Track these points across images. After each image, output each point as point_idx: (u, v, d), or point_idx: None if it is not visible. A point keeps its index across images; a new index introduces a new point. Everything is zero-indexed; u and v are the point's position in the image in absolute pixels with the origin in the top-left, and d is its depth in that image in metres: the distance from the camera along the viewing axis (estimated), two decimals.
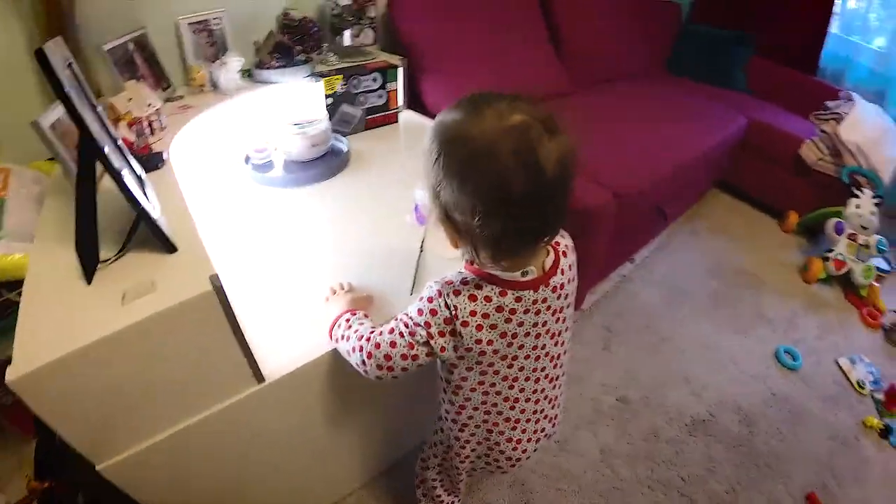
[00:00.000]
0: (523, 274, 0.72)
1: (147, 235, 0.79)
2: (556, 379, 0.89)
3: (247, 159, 1.50)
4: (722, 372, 1.82)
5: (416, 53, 2.04)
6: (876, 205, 2.28)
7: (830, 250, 2.29)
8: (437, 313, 0.72)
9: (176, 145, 1.22)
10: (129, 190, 0.73)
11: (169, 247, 0.80)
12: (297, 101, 1.66)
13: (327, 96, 1.62)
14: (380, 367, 0.78)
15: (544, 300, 0.74)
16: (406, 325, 0.75)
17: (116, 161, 0.73)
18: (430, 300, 0.73)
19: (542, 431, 0.93)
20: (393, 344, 0.76)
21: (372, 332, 0.82)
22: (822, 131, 2.45)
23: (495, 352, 0.75)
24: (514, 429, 0.88)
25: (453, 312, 0.71)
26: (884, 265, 2.35)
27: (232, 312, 0.76)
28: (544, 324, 0.77)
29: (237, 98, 1.53)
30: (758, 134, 2.63)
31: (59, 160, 0.93)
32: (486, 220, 0.63)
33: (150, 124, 1.18)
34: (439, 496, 1.13)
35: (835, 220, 2.32)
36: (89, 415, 0.72)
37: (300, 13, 1.69)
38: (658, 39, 3.21)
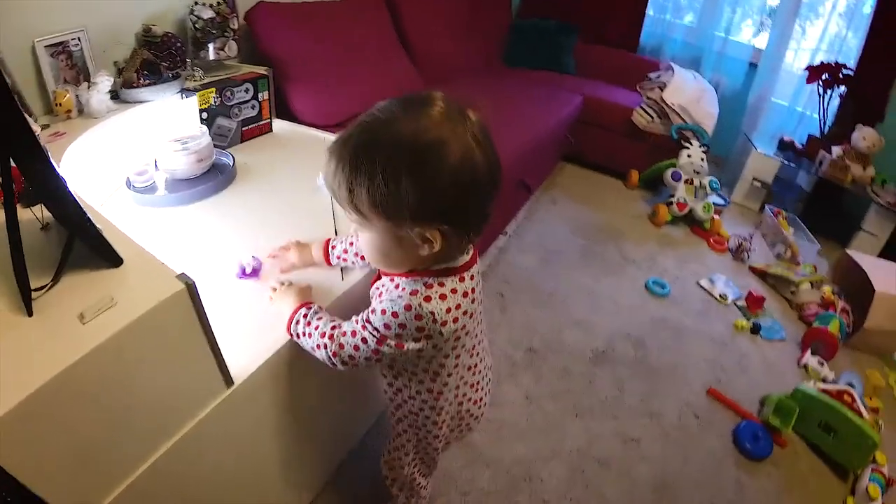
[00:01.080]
0: (467, 253, 0.79)
1: (79, 256, 0.73)
2: (484, 332, 0.97)
3: (128, 183, 1.41)
4: (605, 310, 2.09)
5: (277, 63, 2.04)
6: (704, 153, 2.69)
7: (672, 196, 2.68)
8: (406, 327, 0.72)
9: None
10: (75, 198, 0.69)
11: (115, 259, 0.75)
12: (170, 118, 1.59)
13: (202, 110, 1.57)
14: (344, 363, 0.82)
15: (478, 269, 0.84)
16: (372, 334, 0.76)
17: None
18: (396, 315, 0.72)
19: (490, 383, 1.02)
20: (356, 347, 0.79)
21: (334, 328, 0.84)
22: (649, 98, 2.85)
23: (466, 333, 0.82)
24: (476, 391, 0.97)
25: (429, 319, 0.71)
26: (720, 200, 2.83)
27: (204, 312, 0.76)
28: (481, 289, 0.86)
29: (109, 120, 1.43)
30: (593, 108, 2.98)
31: None
32: (475, 205, 0.69)
33: None
34: (419, 483, 1.14)
35: (671, 170, 2.71)
36: (65, 458, 0.66)
37: (161, 29, 1.62)
38: (493, 35, 3.47)
